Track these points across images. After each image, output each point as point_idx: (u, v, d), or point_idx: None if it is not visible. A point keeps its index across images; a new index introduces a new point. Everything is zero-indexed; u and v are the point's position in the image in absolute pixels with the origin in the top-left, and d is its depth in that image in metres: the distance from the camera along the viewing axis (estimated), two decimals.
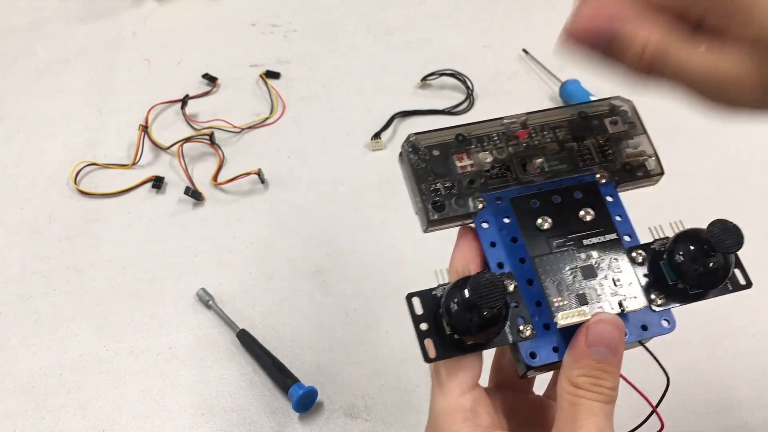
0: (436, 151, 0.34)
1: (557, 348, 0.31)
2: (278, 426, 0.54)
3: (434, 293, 0.31)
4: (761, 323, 0.59)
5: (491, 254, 0.33)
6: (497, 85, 0.78)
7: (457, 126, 0.35)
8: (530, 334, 0.31)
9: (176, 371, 0.56)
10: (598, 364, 0.29)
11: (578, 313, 0.30)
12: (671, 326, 0.33)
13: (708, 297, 0.33)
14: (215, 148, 0.71)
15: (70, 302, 0.60)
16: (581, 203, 0.34)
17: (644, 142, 0.36)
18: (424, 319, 0.31)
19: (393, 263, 0.63)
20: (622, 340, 0.30)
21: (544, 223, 0.33)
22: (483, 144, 0.35)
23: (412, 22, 0.86)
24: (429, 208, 0.33)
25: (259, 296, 0.61)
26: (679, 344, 0.58)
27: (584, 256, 0.32)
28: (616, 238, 0.33)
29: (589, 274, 0.32)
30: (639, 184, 0.36)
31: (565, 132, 0.36)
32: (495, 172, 0.34)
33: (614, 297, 0.32)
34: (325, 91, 0.78)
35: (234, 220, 0.66)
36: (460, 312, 0.29)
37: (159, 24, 0.85)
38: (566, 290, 0.32)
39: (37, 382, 0.56)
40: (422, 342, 0.30)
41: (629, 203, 0.35)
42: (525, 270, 0.32)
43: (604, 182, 0.35)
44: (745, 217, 0.36)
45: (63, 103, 0.76)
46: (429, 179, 0.34)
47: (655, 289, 0.32)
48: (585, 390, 0.29)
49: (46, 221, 0.66)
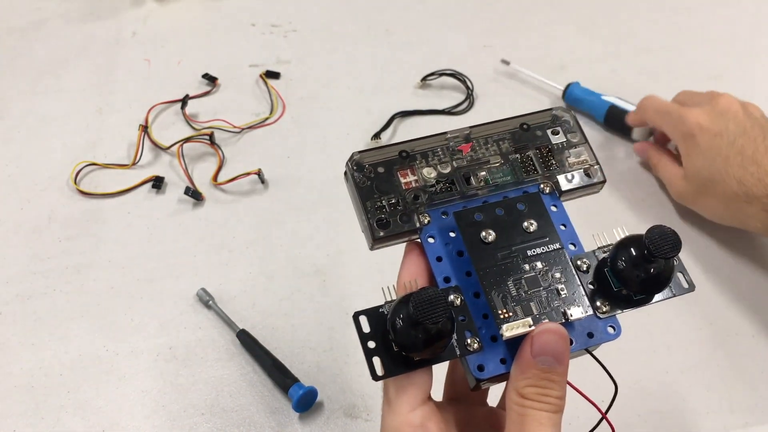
0: (381, 168, 0.35)
1: (505, 360, 0.31)
2: (278, 426, 0.54)
3: (381, 310, 0.32)
4: (761, 323, 0.59)
5: (438, 269, 0.33)
6: (497, 85, 0.78)
7: (400, 143, 0.36)
8: (477, 347, 0.31)
9: (176, 371, 0.56)
10: (545, 374, 0.29)
11: (522, 324, 0.31)
12: (617, 333, 0.33)
13: (652, 302, 0.33)
14: (215, 148, 0.71)
15: (70, 302, 0.60)
16: (525, 214, 0.34)
17: (586, 151, 0.37)
18: (371, 337, 0.31)
19: (393, 263, 0.62)
20: (567, 350, 0.30)
21: (488, 235, 0.33)
22: (427, 159, 0.36)
23: (412, 22, 0.86)
24: (374, 225, 0.34)
25: (259, 296, 0.61)
26: (680, 344, 0.58)
27: (528, 267, 0.33)
28: (560, 247, 0.33)
29: (534, 285, 0.32)
30: (582, 192, 0.37)
31: (509, 144, 0.37)
32: (440, 187, 0.35)
33: (559, 306, 0.32)
34: (325, 91, 0.78)
35: (234, 220, 0.66)
36: (405, 329, 0.29)
37: (159, 24, 0.85)
38: (511, 302, 0.32)
39: (37, 382, 0.56)
40: (370, 360, 0.31)
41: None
42: (471, 283, 0.32)
43: (547, 192, 0.35)
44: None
45: (63, 103, 0.76)
46: (374, 197, 0.34)
47: (600, 297, 0.33)
48: (532, 400, 0.29)
49: (46, 221, 0.66)
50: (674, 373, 0.57)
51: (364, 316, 0.31)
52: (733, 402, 0.55)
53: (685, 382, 0.56)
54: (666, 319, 0.59)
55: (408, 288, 0.32)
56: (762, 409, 0.55)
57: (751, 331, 0.59)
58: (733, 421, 0.54)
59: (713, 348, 0.58)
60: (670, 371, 0.57)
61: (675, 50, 0.67)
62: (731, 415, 0.54)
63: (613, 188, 0.68)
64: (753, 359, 0.57)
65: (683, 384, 0.56)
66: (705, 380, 0.56)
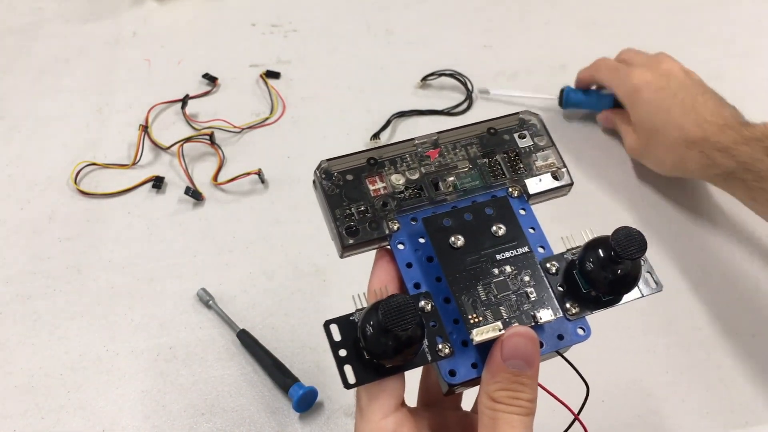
0: (350, 175, 0.35)
1: (476, 364, 0.31)
2: (278, 426, 0.54)
3: (352, 318, 0.32)
4: (761, 323, 0.59)
5: (408, 275, 0.33)
6: (497, 85, 0.78)
7: (368, 149, 0.36)
8: (449, 352, 0.31)
9: (176, 371, 0.56)
10: (515, 377, 0.29)
11: (492, 329, 0.31)
12: (587, 334, 0.33)
13: (620, 303, 0.33)
14: (215, 148, 0.71)
15: (70, 302, 0.60)
16: (493, 219, 0.34)
17: (553, 154, 0.37)
18: (342, 346, 0.31)
19: None
20: (536, 352, 0.30)
21: (456, 240, 0.33)
22: (396, 166, 0.36)
23: (412, 22, 0.86)
24: (343, 233, 0.34)
25: (259, 296, 0.61)
26: (680, 344, 0.58)
27: (497, 271, 0.33)
28: (529, 250, 0.33)
29: (503, 289, 0.32)
30: (551, 195, 0.37)
31: (477, 148, 0.37)
32: (409, 193, 0.35)
33: (529, 309, 0.32)
34: (325, 91, 0.78)
35: (234, 220, 0.66)
36: (376, 336, 0.30)
37: (159, 24, 0.85)
38: (481, 306, 0.32)
39: (37, 382, 0.56)
40: (341, 369, 0.31)
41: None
42: (441, 288, 0.33)
43: (516, 196, 0.35)
44: (743, 215, 0.36)
45: (63, 103, 0.76)
46: (343, 204, 0.34)
47: (570, 299, 0.33)
48: (503, 404, 0.29)
49: (46, 221, 0.66)
50: (674, 373, 0.57)
51: (335, 325, 0.32)
52: (733, 402, 0.55)
53: (685, 382, 0.56)
54: (666, 319, 0.59)
55: (378, 295, 0.32)
56: (762, 409, 0.55)
57: (751, 330, 0.59)
58: (733, 421, 0.54)
59: (713, 348, 0.58)
60: (670, 371, 0.57)
61: (675, 50, 0.67)
62: (731, 415, 0.54)
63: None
64: (753, 359, 0.57)
65: (683, 384, 0.56)
66: (705, 380, 0.56)
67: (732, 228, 0.63)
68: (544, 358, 0.32)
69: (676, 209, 0.67)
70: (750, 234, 0.64)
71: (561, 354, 0.34)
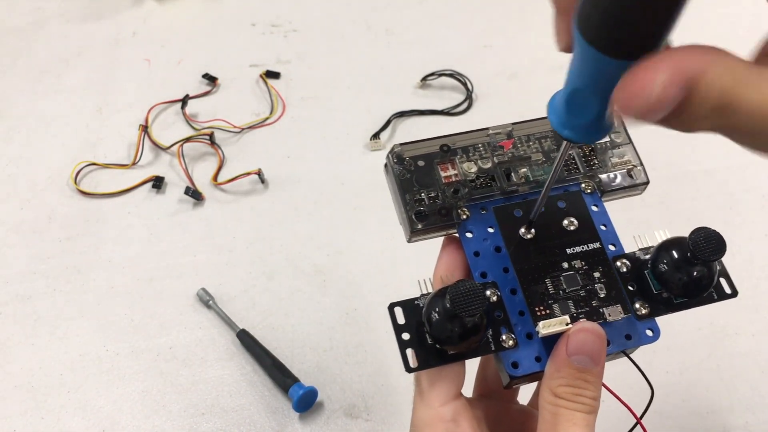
0: (421, 161, 0.35)
1: (540, 358, 0.31)
2: (278, 426, 0.54)
3: (417, 303, 0.31)
4: (761, 323, 0.59)
5: (475, 264, 0.33)
6: (497, 85, 0.78)
7: (442, 136, 0.35)
8: (513, 343, 0.31)
9: (176, 371, 0.56)
10: (580, 374, 0.29)
11: (559, 323, 0.30)
12: (655, 336, 0.32)
13: (693, 306, 0.33)
14: (215, 148, 0.71)
15: (70, 302, 0.60)
16: (565, 212, 0.34)
17: (630, 151, 0.36)
18: (406, 329, 0.31)
19: (393, 263, 0.63)
20: (603, 350, 0.30)
21: (527, 232, 0.33)
22: (468, 154, 0.35)
23: (412, 22, 0.86)
24: (412, 218, 0.33)
25: (259, 296, 0.61)
26: (680, 344, 0.58)
27: (567, 265, 0.32)
28: (600, 247, 0.33)
29: (572, 283, 0.32)
30: (624, 193, 0.36)
31: (551, 142, 0.36)
32: (480, 182, 0.34)
33: (597, 306, 0.31)
34: (325, 91, 0.78)
35: (234, 220, 0.66)
36: (441, 321, 0.29)
37: (159, 24, 0.85)
38: (548, 299, 0.31)
39: (37, 382, 0.56)
40: (403, 352, 0.30)
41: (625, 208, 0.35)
42: (508, 279, 0.32)
43: (588, 192, 0.35)
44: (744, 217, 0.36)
45: (63, 103, 0.76)
46: (414, 189, 0.34)
47: (640, 299, 0.32)
48: (566, 400, 0.29)
49: (46, 221, 0.66)
50: (674, 373, 0.57)
51: (399, 308, 0.31)
52: (733, 402, 0.55)
53: (685, 382, 0.56)
54: (666, 319, 0.59)
55: (444, 281, 0.32)
56: (762, 409, 0.55)
57: (751, 330, 0.59)
58: (733, 421, 0.54)
59: (713, 348, 0.58)
60: (670, 371, 0.57)
61: None
62: (731, 415, 0.54)
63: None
64: (753, 359, 0.57)
65: (683, 384, 0.56)
66: (705, 380, 0.56)
67: (732, 228, 0.63)
68: (610, 357, 0.32)
69: (676, 207, 0.67)
70: (750, 234, 0.64)
71: (627, 354, 0.33)
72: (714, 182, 0.68)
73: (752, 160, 0.70)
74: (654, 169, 0.67)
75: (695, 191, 0.67)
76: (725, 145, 0.76)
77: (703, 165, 0.69)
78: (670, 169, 0.68)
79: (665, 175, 0.67)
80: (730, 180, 0.69)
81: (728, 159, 0.70)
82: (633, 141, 0.37)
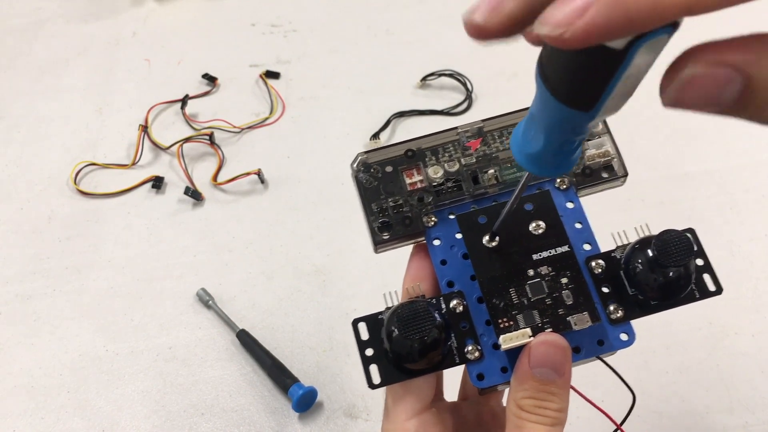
0: (389, 167, 0.33)
1: (506, 368, 0.30)
2: (278, 426, 0.54)
3: (381, 317, 0.31)
4: (761, 323, 0.59)
5: (441, 272, 0.32)
6: (497, 85, 0.78)
7: (408, 140, 0.34)
8: (478, 355, 0.30)
9: (176, 371, 0.56)
10: (543, 386, 0.28)
11: (521, 335, 0.29)
12: (630, 340, 0.31)
13: (673, 306, 0.31)
14: (215, 148, 0.71)
15: (70, 302, 0.60)
16: (532, 215, 0.32)
17: (607, 142, 0.34)
18: (369, 345, 0.30)
19: (393, 263, 0.62)
20: (567, 361, 0.29)
21: (491, 241, 0.31)
22: (438, 156, 0.34)
23: (412, 22, 0.86)
24: (375, 229, 0.33)
25: (259, 296, 0.61)
26: (679, 344, 0.58)
27: (533, 272, 0.30)
28: (569, 250, 0.31)
29: (538, 291, 0.30)
30: (602, 186, 0.34)
31: None
32: (447, 186, 0.33)
33: (564, 315, 0.30)
34: (325, 91, 0.78)
35: (234, 220, 0.66)
36: (399, 339, 0.29)
37: (159, 24, 0.85)
38: (513, 310, 0.30)
39: (36, 382, 0.56)
40: (366, 368, 0.30)
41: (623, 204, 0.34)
42: (476, 288, 0.31)
43: (564, 188, 0.33)
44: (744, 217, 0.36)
45: (63, 103, 0.76)
46: (380, 198, 0.33)
47: (614, 301, 0.30)
48: (529, 413, 0.28)
49: (46, 221, 0.66)
50: (674, 373, 0.57)
51: (363, 323, 0.31)
52: (733, 402, 0.55)
53: (685, 382, 0.56)
54: (665, 319, 0.59)
55: (410, 293, 0.31)
56: (762, 409, 0.55)
57: (751, 330, 0.59)
58: (733, 421, 0.54)
59: (713, 348, 0.58)
60: (670, 371, 0.57)
61: (674, 50, 0.67)
62: (731, 415, 0.54)
63: None
64: (753, 359, 0.57)
65: (683, 384, 0.56)
66: (705, 380, 0.56)
67: (732, 228, 0.63)
68: (582, 363, 0.31)
69: (676, 207, 0.67)
70: (750, 234, 0.64)
71: (603, 360, 0.31)
72: (714, 182, 0.68)
73: (752, 160, 0.70)
74: (654, 169, 0.68)
75: (695, 191, 0.67)
76: (725, 145, 0.76)
77: (703, 165, 0.69)
78: (670, 169, 0.68)
79: (665, 175, 0.67)
80: (730, 180, 0.69)
81: (728, 159, 0.70)
82: (611, 131, 0.34)
